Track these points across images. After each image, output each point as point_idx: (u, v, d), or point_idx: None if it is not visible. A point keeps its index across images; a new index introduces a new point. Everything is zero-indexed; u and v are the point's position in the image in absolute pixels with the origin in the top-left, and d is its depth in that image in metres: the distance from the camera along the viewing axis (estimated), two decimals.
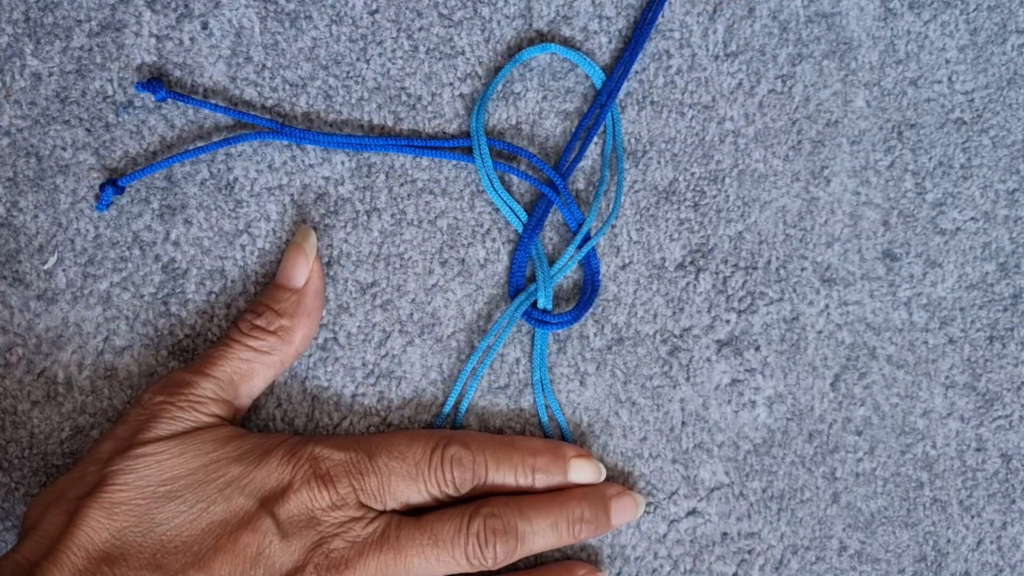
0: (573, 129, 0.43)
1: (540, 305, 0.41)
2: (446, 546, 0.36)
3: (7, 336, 0.40)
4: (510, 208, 0.42)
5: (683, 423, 0.43)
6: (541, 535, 0.38)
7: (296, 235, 0.41)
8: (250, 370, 0.38)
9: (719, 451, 0.43)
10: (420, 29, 0.43)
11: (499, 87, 0.43)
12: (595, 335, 0.43)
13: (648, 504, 0.43)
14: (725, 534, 0.43)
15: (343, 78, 0.42)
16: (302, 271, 0.40)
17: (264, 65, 0.42)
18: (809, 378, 0.44)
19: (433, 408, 0.42)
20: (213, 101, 0.41)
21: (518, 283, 0.42)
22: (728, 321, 0.44)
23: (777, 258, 0.44)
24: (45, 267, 0.40)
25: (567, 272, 0.42)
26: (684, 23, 0.44)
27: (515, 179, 0.43)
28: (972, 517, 0.45)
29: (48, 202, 0.41)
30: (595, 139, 0.43)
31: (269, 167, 0.42)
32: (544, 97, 0.43)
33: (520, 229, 0.42)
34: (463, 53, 0.43)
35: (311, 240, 0.40)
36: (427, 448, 0.38)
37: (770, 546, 0.43)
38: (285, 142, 0.41)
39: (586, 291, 0.42)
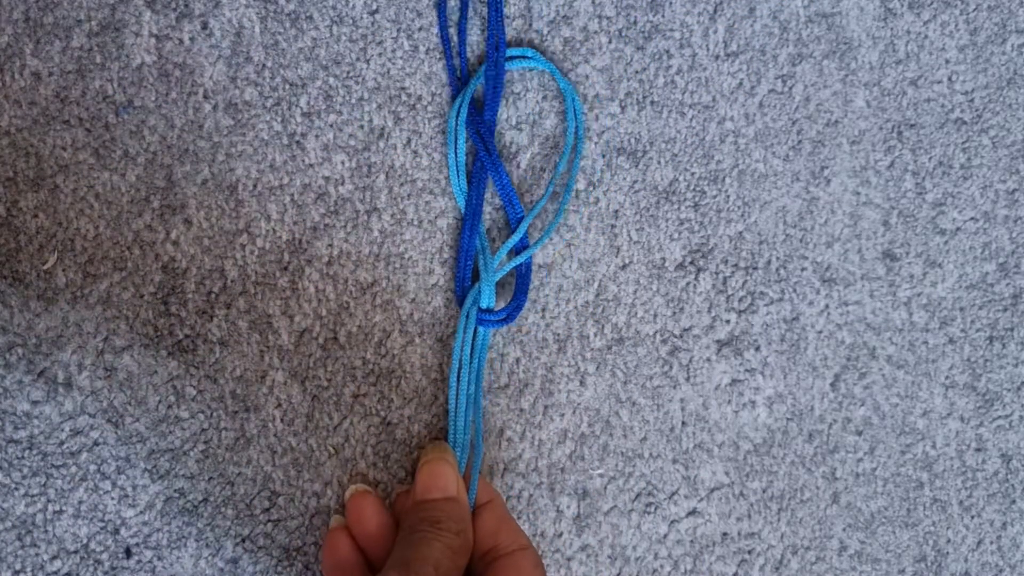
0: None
1: (483, 305, 0.41)
2: None
3: (7, 336, 0.40)
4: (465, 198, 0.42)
5: (683, 423, 0.43)
6: None
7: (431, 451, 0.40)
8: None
9: (719, 451, 0.43)
10: (420, 29, 0.43)
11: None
12: (595, 335, 0.43)
13: (648, 504, 0.43)
14: (725, 534, 0.43)
15: (343, 78, 0.42)
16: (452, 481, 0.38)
17: (264, 65, 0.42)
18: (809, 378, 0.44)
19: (433, 408, 0.42)
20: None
21: (465, 278, 0.41)
22: (728, 321, 0.44)
23: (777, 258, 0.44)
24: (45, 267, 0.40)
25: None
26: (684, 23, 0.44)
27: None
28: (972, 517, 0.45)
29: (48, 202, 0.41)
30: (591, 139, 0.43)
31: (270, 167, 0.42)
32: (544, 97, 0.43)
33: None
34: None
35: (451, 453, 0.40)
36: None
37: (770, 546, 0.43)
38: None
39: (518, 290, 0.41)
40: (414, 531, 0.36)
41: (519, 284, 0.42)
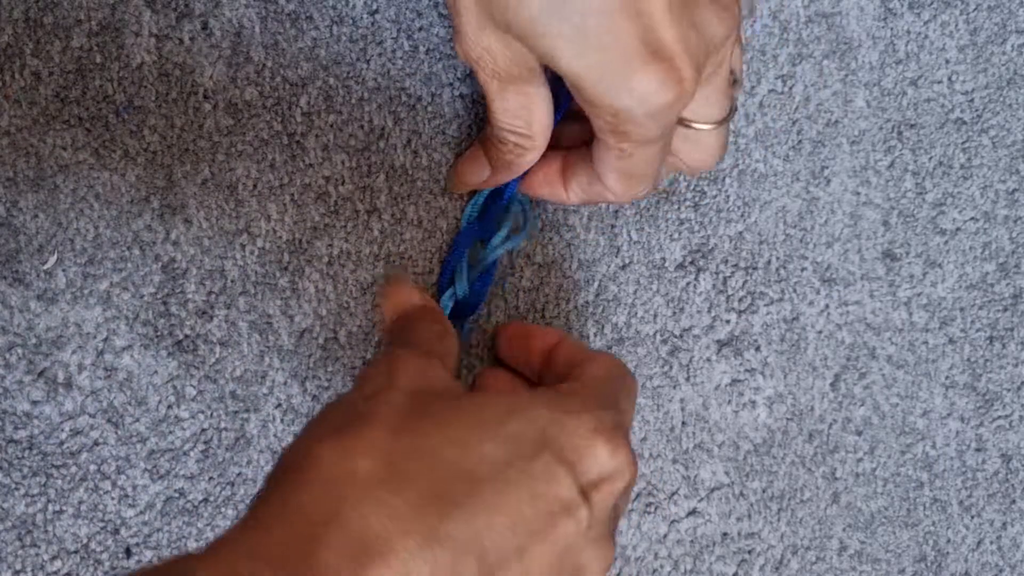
0: None
1: (459, 295, 0.41)
2: None
3: (7, 336, 0.40)
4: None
5: (683, 423, 0.43)
6: None
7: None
8: None
9: (719, 451, 0.43)
10: (420, 29, 0.43)
11: None
12: (595, 335, 0.43)
13: (648, 504, 0.43)
14: (725, 534, 0.43)
15: (343, 78, 0.42)
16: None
17: (264, 65, 0.42)
18: (809, 378, 0.44)
19: None
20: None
21: (445, 279, 0.42)
22: (728, 321, 0.44)
23: (777, 258, 0.44)
24: (45, 267, 0.40)
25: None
26: None
27: None
28: (972, 517, 0.45)
29: (48, 202, 0.41)
30: None
31: (270, 166, 0.42)
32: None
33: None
34: None
35: None
36: None
37: (770, 546, 0.43)
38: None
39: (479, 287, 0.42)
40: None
41: (482, 278, 0.42)
